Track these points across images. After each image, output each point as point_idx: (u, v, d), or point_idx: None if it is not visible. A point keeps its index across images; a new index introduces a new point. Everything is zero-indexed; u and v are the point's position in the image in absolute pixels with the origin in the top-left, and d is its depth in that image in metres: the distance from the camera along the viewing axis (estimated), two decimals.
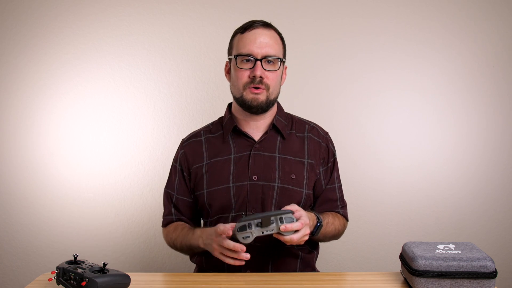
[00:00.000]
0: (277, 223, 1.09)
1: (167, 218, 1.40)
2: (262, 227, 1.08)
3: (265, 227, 1.08)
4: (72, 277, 1.01)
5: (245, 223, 1.09)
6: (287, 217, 1.09)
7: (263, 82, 1.27)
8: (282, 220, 1.09)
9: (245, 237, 1.09)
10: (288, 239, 1.10)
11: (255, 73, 1.26)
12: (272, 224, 1.09)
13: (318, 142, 1.38)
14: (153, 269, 1.96)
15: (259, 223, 1.09)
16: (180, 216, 1.39)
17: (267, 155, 1.32)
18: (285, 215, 1.09)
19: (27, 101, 1.93)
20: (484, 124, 1.96)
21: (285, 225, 1.08)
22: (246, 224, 1.09)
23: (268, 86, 1.28)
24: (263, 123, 1.35)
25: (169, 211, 1.40)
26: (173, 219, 1.39)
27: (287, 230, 1.08)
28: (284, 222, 1.09)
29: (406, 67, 1.94)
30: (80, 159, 1.94)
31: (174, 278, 1.24)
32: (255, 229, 1.09)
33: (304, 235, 1.12)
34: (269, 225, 1.08)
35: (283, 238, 1.10)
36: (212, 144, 1.36)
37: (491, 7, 1.93)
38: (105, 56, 1.92)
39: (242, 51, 1.27)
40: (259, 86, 1.26)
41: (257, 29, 1.28)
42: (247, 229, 1.08)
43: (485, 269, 1.03)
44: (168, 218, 1.40)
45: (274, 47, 1.28)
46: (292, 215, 1.11)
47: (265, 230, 1.08)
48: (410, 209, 1.96)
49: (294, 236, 1.10)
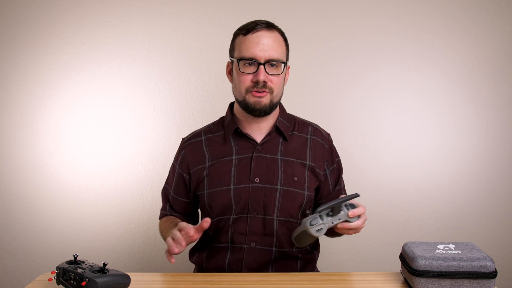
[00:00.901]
0: (345, 210, 1.09)
1: (162, 212, 1.45)
2: (332, 216, 1.08)
3: (336, 215, 1.08)
4: (72, 277, 1.01)
5: (316, 215, 1.08)
6: (351, 204, 1.10)
7: (267, 86, 1.25)
8: (348, 206, 1.09)
9: (318, 230, 1.07)
10: (354, 225, 1.10)
11: (258, 78, 1.23)
12: (340, 212, 1.08)
13: (322, 144, 1.37)
14: (153, 269, 1.96)
15: (330, 212, 1.08)
16: (173, 213, 1.41)
17: (269, 157, 1.31)
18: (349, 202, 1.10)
19: (27, 101, 1.93)
20: (484, 124, 1.96)
21: (352, 210, 1.09)
22: (317, 216, 1.08)
23: (272, 89, 1.26)
24: (266, 125, 1.33)
25: (164, 207, 1.44)
26: (167, 214, 1.42)
27: (354, 216, 1.09)
28: (350, 208, 1.09)
29: (406, 67, 1.94)
30: (80, 159, 1.94)
31: (174, 278, 1.23)
32: (326, 219, 1.08)
33: (365, 220, 1.13)
34: (339, 212, 1.08)
35: (349, 225, 1.10)
36: (213, 145, 1.35)
37: (491, 7, 1.93)
38: (105, 56, 1.92)
39: (244, 55, 1.24)
40: (263, 90, 1.24)
41: (260, 31, 1.25)
42: (319, 221, 1.07)
43: (485, 269, 1.03)
44: (163, 213, 1.44)
45: (277, 50, 1.25)
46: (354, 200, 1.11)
47: (335, 219, 1.08)
48: (410, 209, 1.96)
49: (359, 222, 1.11)
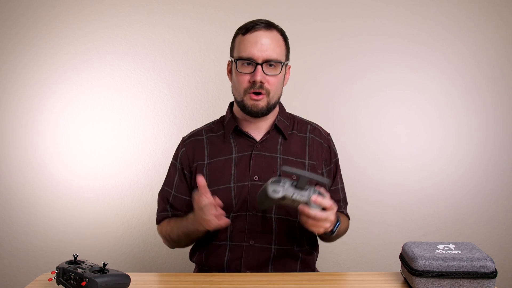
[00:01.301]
0: (310, 192, 1.05)
1: (162, 214, 1.38)
2: (295, 188, 1.04)
3: (298, 189, 1.04)
4: (72, 277, 1.01)
5: (279, 178, 1.05)
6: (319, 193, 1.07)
7: (264, 87, 1.25)
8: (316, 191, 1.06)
9: (274, 191, 1.03)
10: (313, 213, 1.07)
11: (255, 78, 1.23)
12: (305, 190, 1.05)
13: (320, 143, 1.37)
14: (153, 269, 1.96)
15: (294, 183, 1.05)
16: (175, 212, 1.37)
17: (268, 156, 1.31)
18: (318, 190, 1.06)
19: (27, 101, 1.93)
20: (484, 124, 1.96)
21: (316, 196, 1.07)
22: (281, 179, 1.05)
23: (269, 91, 1.26)
24: (265, 124, 1.34)
25: (164, 208, 1.38)
26: (168, 215, 1.37)
27: (316, 203, 1.05)
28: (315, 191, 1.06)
29: (406, 67, 1.94)
30: (80, 159, 1.94)
31: (174, 278, 1.24)
32: (288, 187, 1.04)
33: (328, 219, 1.09)
34: (302, 189, 1.04)
35: (308, 211, 1.07)
36: (213, 143, 1.36)
37: (491, 7, 1.93)
38: (105, 56, 1.92)
39: (242, 55, 1.25)
40: (260, 91, 1.24)
41: (258, 31, 1.24)
42: (280, 183, 1.04)
43: (485, 269, 1.03)
44: (162, 215, 1.38)
45: (276, 50, 1.25)
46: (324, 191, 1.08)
47: (297, 193, 1.04)
48: (410, 209, 1.96)
49: (319, 213, 1.07)
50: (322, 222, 1.09)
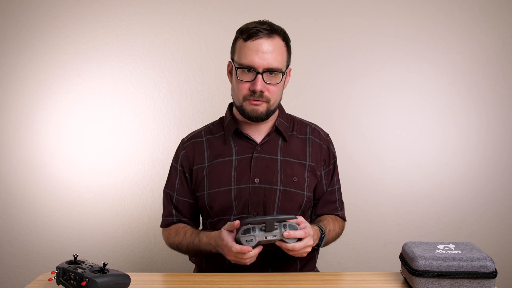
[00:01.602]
0: (281, 230, 1.08)
1: (167, 219, 1.39)
2: (265, 232, 1.08)
3: (269, 232, 1.08)
4: (72, 277, 1.01)
5: (249, 227, 1.09)
6: (291, 225, 1.09)
7: (264, 95, 1.24)
8: (286, 226, 1.08)
9: (248, 240, 1.08)
10: (290, 247, 1.09)
11: (255, 88, 1.22)
12: (275, 230, 1.08)
13: (320, 144, 1.37)
14: (153, 269, 1.96)
15: (263, 227, 1.08)
16: (180, 217, 1.37)
17: (269, 158, 1.31)
18: (289, 223, 1.09)
19: (27, 101, 1.93)
20: (484, 124, 1.96)
21: (288, 231, 1.08)
22: (250, 228, 1.08)
23: (269, 99, 1.25)
24: (265, 126, 1.34)
25: (170, 212, 1.38)
26: (173, 220, 1.38)
27: (290, 237, 1.08)
28: (288, 229, 1.08)
29: (406, 67, 1.94)
30: (80, 159, 1.94)
31: (174, 278, 1.24)
32: (258, 233, 1.08)
33: (307, 245, 1.11)
34: (272, 230, 1.08)
35: (286, 246, 1.09)
36: (213, 145, 1.35)
37: (491, 7, 1.93)
38: (105, 56, 1.92)
39: (243, 62, 1.23)
40: (259, 99, 1.24)
41: (260, 38, 1.22)
42: (250, 233, 1.08)
43: (485, 269, 1.03)
44: (168, 220, 1.39)
45: (277, 58, 1.23)
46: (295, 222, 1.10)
47: (268, 235, 1.08)
48: (410, 209, 1.96)
49: (297, 245, 1.09)
50: (302, 250, 1.11)
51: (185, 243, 1.31)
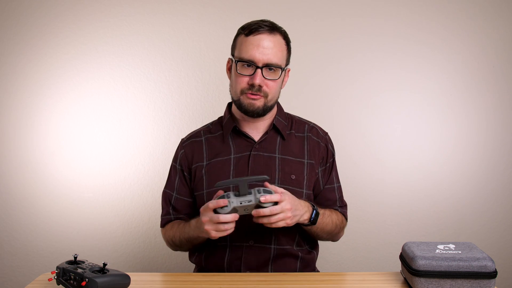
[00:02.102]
0: (255, 194, 1.06)
1: (165, 218, 1.39)
2: (239, 197, 1.06)
3: (243, 196, 1.06)
4: (72, 277, 1.01)
5: (224, 194, 1.08)
6: (266, 190, 1.08)
7: (262, 90, 1.25)
8: (261, 191, 1.07)
9: (223, 208, 1.07)
10: (267, 211, 1.07)
11: (254, 81, 1.24)
12: (250, 194, 1.06)
13: (318, 142, 1.38)
14: (153, 269, 1.96)
15: (237, 193, 1.07)
16: (178, 215, 1.38)
17: (267, 156, 1.31)
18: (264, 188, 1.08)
19: (27, 101, 1.93)
20: (484, 124, 1.96)
21: (264, 195, 1.07)
22: (225, 195, 1.08)
23: (267, 93, 1.26)
24: (263, 124, 1.34)
25: (167, 211, 1.39)
26: (171, 218, 1.38)
27: (266, 201, 1.06)
28: (262, 192, 1.07)
29: (406, 67, 1.94)
30: (80, 159, 1.94)
31: (174, 278, 1.24)
32: (233, 198, 1.07)
33: (284, 209, 1.09)
34: (246, 194, 1.06)
35: (263, 211, 1.07)
36: (212, 144, 1.36)
37: (491, 7, 1.93)
38: (105, 56, 1.92)
39: (243, 56, 1.24)
40: (257, 93, 1.25)
41: (262, 34, 1.24)
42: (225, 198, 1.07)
43: (485, 269, 1.03)
44: (166, 218, 1.39)
45: (277, 54, 1.25)
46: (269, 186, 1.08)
47: (243, 200, 1.06)
48: (410, 209, 1.96)
49: (273, 208, 1.07)
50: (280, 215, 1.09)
51: (178, 234, 1.31)
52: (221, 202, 1.06)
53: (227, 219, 1.08)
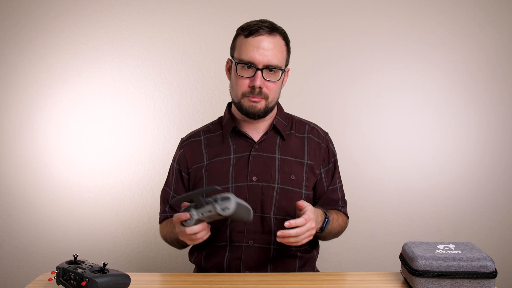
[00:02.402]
0: (213, 203, 1.05)
1: (163, 215, 1.41)
2: (198, 209, 1.06)
3: (201, 208, 1.06)
4: (72, 277, 1.01)
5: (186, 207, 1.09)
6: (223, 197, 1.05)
7: (262, 92, 1.25)
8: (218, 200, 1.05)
9: (187, 221, 1.07)
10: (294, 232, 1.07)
11: (254, 83, 1.23)
12: (208, 204, 1.05)
13: (318, 142, 1.37)
14: (153, 269, 1.96)
15: (195, 205, 1.07)
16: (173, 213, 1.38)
17: (266, 156, 1.31)
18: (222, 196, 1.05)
19: (27, 101, 1.93)
20: (484, 124, 1.96)
21: (289, 221, 1.07)
22: (186, 208, 1.08)
23: (267, 95, 1.26)
24: (263, 124, 1.34)
25: (164, 209, 1.40)
26: (167, 216, 1.39)
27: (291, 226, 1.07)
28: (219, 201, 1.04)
29: (406, 67, 1.94)
30: (80, 159, 1.94)
31: (174, 278, 1.24)
32: (193, 211, 1.07)
33: (310, 228, 1.10)
34: (203, 206, 1.05)
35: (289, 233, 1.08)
36: (211, 144, 1.36)
37: (491, 7, 1.93)
38: (105, 56, 1.92)
39: (243, 58, 1.24)
40: (258, 96, 1.25)
41: (261, 35, 1.24)
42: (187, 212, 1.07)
43: (485, 269, 1.03)
44: (163, 216, 1.40)
45: (277, 56, 1.25)
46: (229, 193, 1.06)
47: (204, 212, 1.05)
48: (410, 209, 1.96)
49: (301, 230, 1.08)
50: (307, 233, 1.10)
51: (168, 233, 1.33)
52: (183, 216, 1.07)
53: (193, 231, 1.08)
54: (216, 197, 1.05)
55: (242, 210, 1.06)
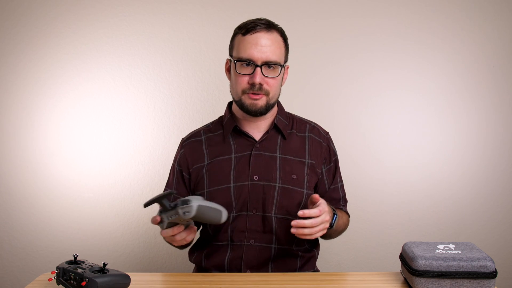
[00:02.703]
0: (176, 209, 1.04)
1: None
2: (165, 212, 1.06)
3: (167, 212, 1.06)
4: (72, 277, 1.01)
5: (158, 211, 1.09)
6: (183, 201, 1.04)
7: (263, 88, 1.25)
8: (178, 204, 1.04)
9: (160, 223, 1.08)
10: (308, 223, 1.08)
11: (254, 80, 1.23)
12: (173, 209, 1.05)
13: (319, 142, 1.38)
14: (153, 269, 1.96)
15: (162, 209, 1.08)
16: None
17: (267, 155, 1.31)
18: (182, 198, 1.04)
19: (27, 101, 1.93)
20: (484, 124, 1.96)
21: (303, 211, 1.08)
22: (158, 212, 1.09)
23: (268, 91, 1.26)
24: (264, 123, 1.34)
25: None
26: None
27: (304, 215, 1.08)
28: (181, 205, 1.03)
29: (406, 67, 1.94)
30: (80, 159, 1.94)
31: (174, 278, 1.24)
32: (163, 215, 1.07)
33: (325, 221, 1.11)
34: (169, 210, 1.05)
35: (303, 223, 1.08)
36: (212, 143, 1.36)
37: (491, 7, 1.93)
38: (105, 56, 1.92)
39: (242, 56, 1.24)
40: (258, 93, 1.25)
41: (259, 32, 1.24)
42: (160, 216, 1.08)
43: (485, 269, 1.03)
44: None
45: (275, 52, 1.25)
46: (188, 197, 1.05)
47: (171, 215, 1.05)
48: (410, 209, 1.96)
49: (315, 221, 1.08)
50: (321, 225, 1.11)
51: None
52: (156, 218, 1.08)
53: (168, 233, 1.09)
54: (177, 201, 1.05)
55: (208, 213, 1.05)
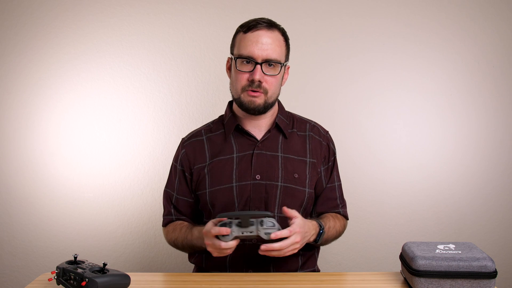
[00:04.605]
0: (257, 225, 1.06)
1: (167, 218, 1.40)
2: (241, 227, 1.07)
3: (245, 227, 1.06)
4: (72, 277, 1.01)
5: (225, 222, 1.09)
6: (268, 221, 1.07)
7: (262, 86, 1.25)
8: (263, 223, 1.06)
9: (224, 236, 1.08)
10: (277, 246, 1.08)
11: (253, 77, 1.24)
12: (252, 225, 1.06)
13: (319, 141, 1.38)
14: (153, 269, 1.96)
15: (239, 223, 1.07)
16: (179, 216, 1.38)
17: (269, 154, 1.31)
18: (267, 219, 1.07)
19: (27, 101, 1.93)
20: (484, 124, 1.96)
21: (275, 232, 1.07)
22: (226, 223, 1.08)
23: (267, 90, 1.26)
24: (265, 122, 1.34)
25: (169, 211, 1.39)
26: (172, 219, 1.39)
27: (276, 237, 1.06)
28: (265, 225, 1.06)
29: (406, 67, 1.94)
30: (80, 159, 1.94)
31: (174, 278, 1.24)
32: (234, 228, 1.07)
33: (294, 242, 1.10)
34: (248, 226, 1.06)
35: (271, 247, 1.07)
36: (213, 143, 1.36)
37: (491, 7, 1.93)
38: (105, 56, 1.92)
39: (242, 53, 1.25)
40: (257, 90, 1.25)
41: (260, 30, 1.25)
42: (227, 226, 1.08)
43: (485, 269, 1.03)
44: (168, 218, 1.39)
45: (276, 50, 1.26)
46: (273, 219, 1.08)
47: (245, 231, 1.06)
48: (410, 209, 1.96)
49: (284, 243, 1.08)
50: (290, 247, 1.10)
51: (180, 239, 1.32)
52: (224, 231, 1.07)
53: (228, 246, 1.09)
54: (253, 220, 1.06)
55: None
